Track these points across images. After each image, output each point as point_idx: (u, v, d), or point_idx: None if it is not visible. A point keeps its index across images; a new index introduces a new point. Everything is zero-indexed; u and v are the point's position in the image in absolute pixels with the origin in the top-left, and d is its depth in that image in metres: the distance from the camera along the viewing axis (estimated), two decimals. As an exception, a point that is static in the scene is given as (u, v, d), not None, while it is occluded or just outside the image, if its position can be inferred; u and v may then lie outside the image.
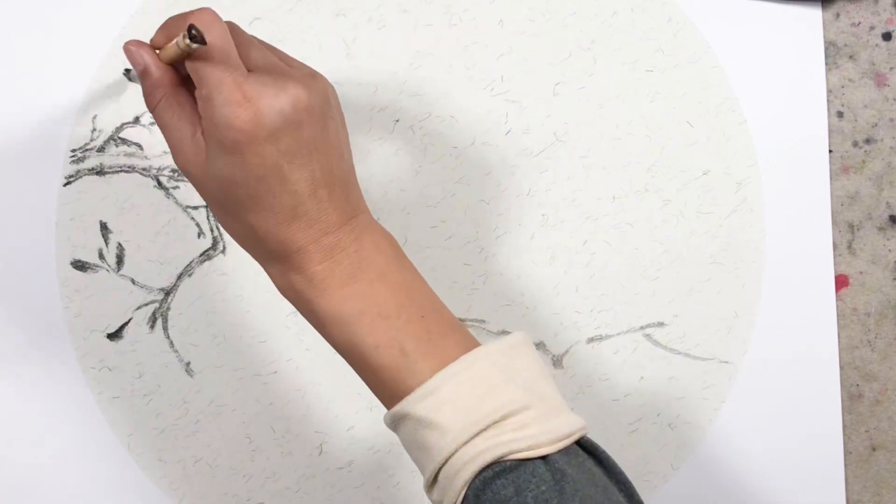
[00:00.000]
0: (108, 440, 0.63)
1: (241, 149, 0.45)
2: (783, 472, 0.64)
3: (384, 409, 0.48)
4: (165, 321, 0.63)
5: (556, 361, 0.64)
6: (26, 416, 0.62)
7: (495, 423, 0.45)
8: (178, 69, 0.49)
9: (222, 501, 0.63)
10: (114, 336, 0.63)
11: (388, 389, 0.47)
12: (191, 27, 0.44)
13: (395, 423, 0.47)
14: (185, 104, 0.48)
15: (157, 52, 0.48)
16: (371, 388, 0.48)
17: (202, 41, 0.44)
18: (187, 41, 0.44)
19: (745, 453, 0.64)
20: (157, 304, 0.63)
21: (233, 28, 0.48)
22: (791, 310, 0.64)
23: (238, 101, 0.45)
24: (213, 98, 0.45)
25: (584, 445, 0.46)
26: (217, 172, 0.47)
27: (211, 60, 0.45)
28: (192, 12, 0.46)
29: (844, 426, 0.64)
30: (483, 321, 0.63)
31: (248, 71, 0.46)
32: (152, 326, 0.63)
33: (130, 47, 0.49)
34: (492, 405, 0.45)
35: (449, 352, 0.47)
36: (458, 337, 0.48)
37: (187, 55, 0.46)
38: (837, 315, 0.64)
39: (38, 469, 0.63)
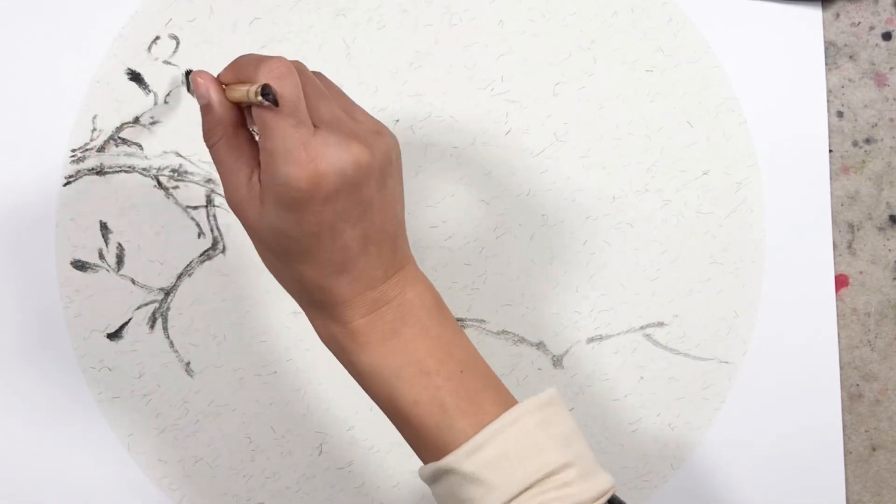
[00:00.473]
0: (108, 440, 0.63)
1: (299, 207, 0.45)
2: (783, 472, 0.64)
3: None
4: (165, 321, 0.63)
5: (556, 361, 0.64)
6: (26, 416, 0.62)
7: (539, 480, 0.46)
8: (241, 108, 0.48)
9: (222, 501, 0.63)
10: (114, 336, 0.63)
11: (427, 445, 0.48)
12: (265, 87, 0.44)
13: (435, 477, 0.47)
14: (243, 146, 0.48)
15: (224, 87, 0.47)
16: (409, 442, 0.49)
17: (275, 101, 0.44)
18: (259, 98, 0.44)
19: (745, 453, 0.64)
20: (157, 304, 0.63)
21: (304, 77, 0.47)
22: (791, 310, 0.64)
23: (302, 160, 0.44)
24: (277, 153, 0.45)
25: (613, 502, 0.48)
26: (270, 222, 0.46)
27: (279, 114, 0.45)
28: (266, 60, 0.45)
29: (844, 426, 0.64)
30: (483, 321, 0.63)
31: (315, 126, 0.45)
32: (152, 326, 0.63)
33: (199, 79, 0.48)
34: (536, 464, 0.46)
35: (487, 409, 0.47)
36: (495, 393, 0.49)
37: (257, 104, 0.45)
38: (837, 315, 0.64)
39: (38, 469, 0.63)
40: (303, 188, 0.45)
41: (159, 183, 0.62)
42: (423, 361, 0.48)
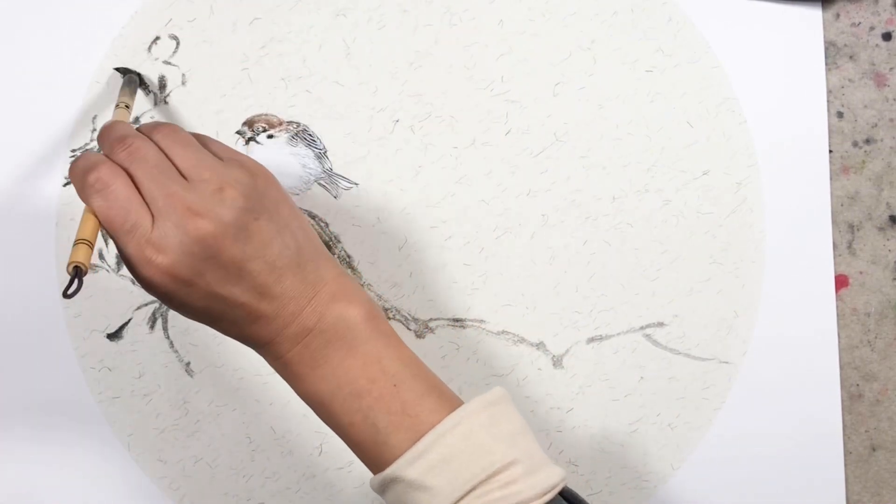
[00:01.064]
0: (108, 440, 0.63)
1: (171, 297, 0.47)
2: (783, 472, 0.64)
3: None
4: (165, 321, 0.63)
5: (556, 361, 0.64)
6: (26, 416, 0.62)
7: (483, 481, 0.46)
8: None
9: (222, 501, 0.63)
10: (114, 336, 0.63)
11: (370, 461, 0.49)
12: (74, 270, 0.46)
13: (383, 488, 0.48)
14: None
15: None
16: (359, 459, 0.50)
17: (71, 291, 0.46)
18: (69, 272, 0.46)
19: (745, 453, 0.64)
20: (156, 304, 0.63)
21: (134, 160, 0.48)
22: (791, 310, 0.64)
23: (148, 261, 0.46)
24: (127, 260, 0.47)
25: (565, 495, 0.48)
26: (170, 304, 0.49)
27: (112, 230, 0.47)
28: (86, 177, 0.47)
29: (844, 426, 0.64)
30: (483, 321, 0.63)
31: (152, 215, 0.47)
32: (152, 326, 0.63)
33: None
34: (480, 464, 0.46)
35: (425, 418, 0.48)
36: (437, 399, 0.49)
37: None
38: (837, 315, 0.64)
39: (38, 469, 0.63)
40: (161, 284, 0.47)
41: (159, 183, 0.62)
42: (354, 383, 0.48)
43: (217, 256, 0.47)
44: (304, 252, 0.49)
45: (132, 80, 0.61)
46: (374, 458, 0.49)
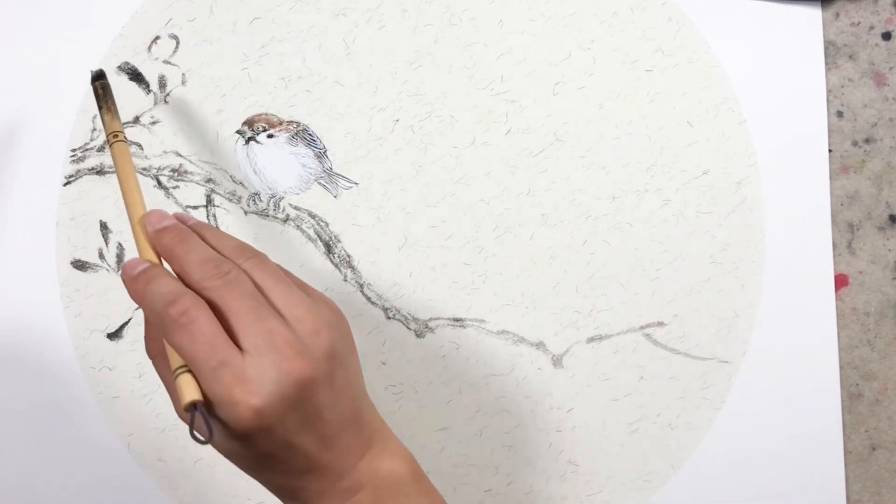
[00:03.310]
0: (108, 440, 0.63)
1: (247, 438, 0.44)
2: (783, 472, 0.64)
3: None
4: (165, 321, 0.63)
5: (556, 361, 0.64)
6: (26, 416, 0.62)
7: None
8: None
9: (222, 501, 0.63)
10: (114, 336, 0.63)
11: None
12: (192, 411, 0.42)
13: None
14: None
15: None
16: None
17: (206, 440, 0.43)
18: (185, 412, 0.43)
19: (745, 453, 0.64)
20: (157, 304, 0.63)
21: (227, 296, 0.44)
22: (791, 309, 0.64)
23: (238, 400, 0.43)
24: (210, 394, 0.43)
25: None
26: (222, 445, 0.45)
27: (198, 369, 0.43)
28: (168, 310, 0.43)
29: (844, 426, 0.64)
30: (483, 321, 0.63)
31: (243, 350, 0.43)
32: (152, 326, 0.63)
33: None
34: None
35: None
36: None
37: None
38: (837, 315, 0.64)
39: (38, 469, 0.63)
40: (244, 426, 0.43)
41: (159, 183, 0.62)
42: None
43: (304, 402, 0.44)
44: (362, 403, 0.48)
45: (99, 90, 0.54)
46: None
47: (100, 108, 0.54)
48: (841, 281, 0.64)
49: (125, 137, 0.52)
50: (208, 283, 0.45)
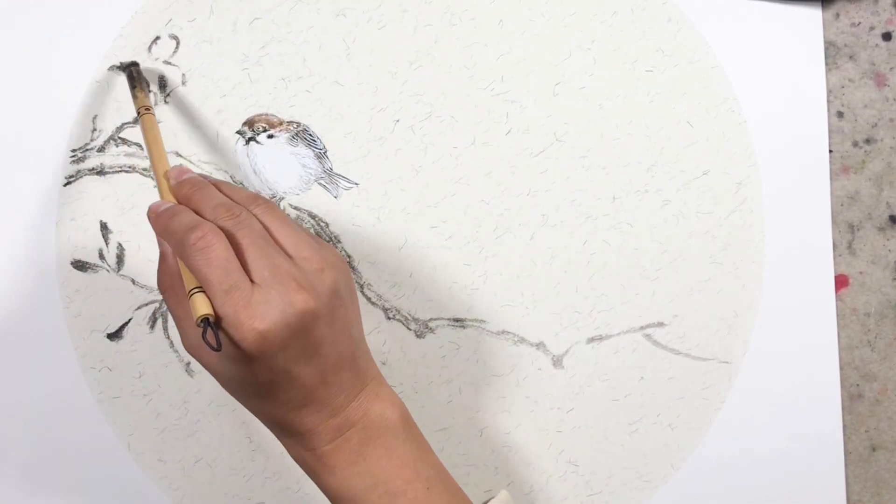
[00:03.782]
0: (108, 440, 0.63)
1: (249, 362, 0.47)
2: (783, 472, 0.64)
3: None
4: (165, 321, 0.63)
5: (556, 361, 0.64)
6: (26, 416, 0.62)
7: None
8: None
9: (222, 501, 0.63)
10: (114, 336, 0.63)
11: None
12: (205, 320, 0.45)
13: None
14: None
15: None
16: None
17: (214, 346, 0.45)
18: (198, 325, 0.46)
19: (745, 453, 0.64)
20: (157, 304, 0.63)
21: (239, 230, 0.48)
22: (791, 309, 0.64)
23: (243, 323, 0.46)
24: (220, 315, 0.46)
25: None
26: (225, 370, 0.48)
27: (210, 290, 0.46)
28: (189, 235, 0.47)
29: (844, 426, 0.64)
30: (483, 321, 0.63)
31: (253, 281, 0.47)
32: (152, 326, 0.63)
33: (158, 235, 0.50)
34: None
35: None
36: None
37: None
38: (837, 315, 0.64)
39: (38, 469, 0.63)
40: (249, 348, 0.46)
41: (159, 183, 0.62)
42: (390, 482, 0.49)
43: (306, 333, 0.47)
44: (360, 346, 0.51)
45: (134, 74, 0.60)
46: None
47: (132, 87, 0.59)
48: (841, 281, 0.64)
49: (153, 112, 0.58)
50: (221, 224, 0.48)
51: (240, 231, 0.48)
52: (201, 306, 0.46)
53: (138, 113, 0.58)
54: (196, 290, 0.47)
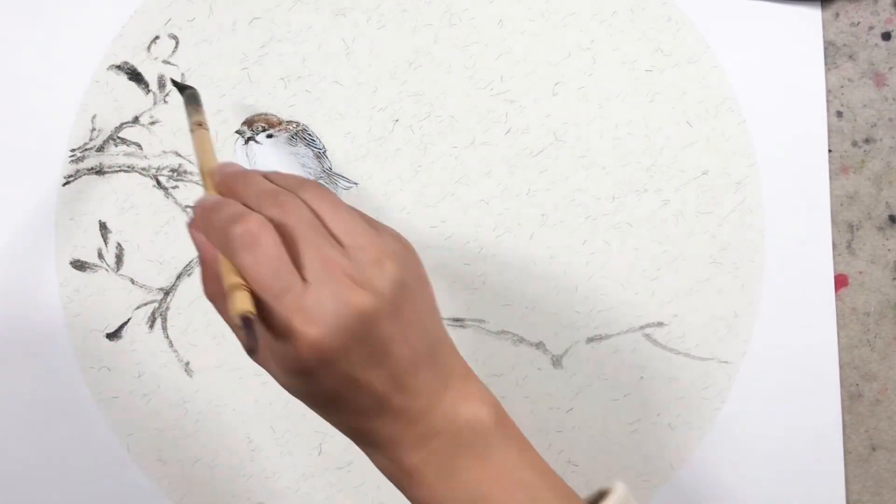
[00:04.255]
0: (108, 440, 0.63)
1: (307, 374, 0.42)
2: (783, 472, 0.64)
3: None
4: (165, 321, 0.63)
5: (556, 361, 0.64)
6: (26, 416, 0.62)
7: None
8: None
9: (222, 501, 0.63)
10: (113, 336, 0.63)
11: None
12: (245, 320, 0.40)
13: None
14: None
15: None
16: None
17: (250, 348, 0.40)
18: (238, 323, 0.40)
19: (745, 453, 0.64)
20: (156, 304, 0.63)
21: (288, 220, 0.43)
22: (791, 310, 0.64)
23: (296, 330, 0.41)
24: (271, 322, 0.42)
25: None
26: (289, 382, 0.44)
27: (259, 294, 0.41)
28: (234, 229, 0.41)
29: (844, 426, 0.64)
30: (483, 321, 0.63)
31: (304, 279, 0.41)
32: (151, 326, 0.63)
33: (195, 233, 0.45)
34: None
35: None
36: None
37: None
38: (837, 315, 0.64)
39: (38, 469, 0.63)
40: (305, 359, 0.41)
41: (158, 183, 0.62)
42: (489, 497, 0.44)
43: (368, 334, 0.42)
44: (438, 338, 0.45)
45: (192, 95, 0.56)
46: None
47: (189, 105, 0.55)
48: (841, 281, 0.64)
49: (207, 127, 0.53)
50: (267, 211, 0.43)
51: (288, 221, 0.43)
52: (241, 303, 0.41)
53: (191, 127, 0.54)
54: (238, 286, 0.42)
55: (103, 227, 0.62)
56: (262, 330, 0.42)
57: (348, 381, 0.42)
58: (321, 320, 0.41)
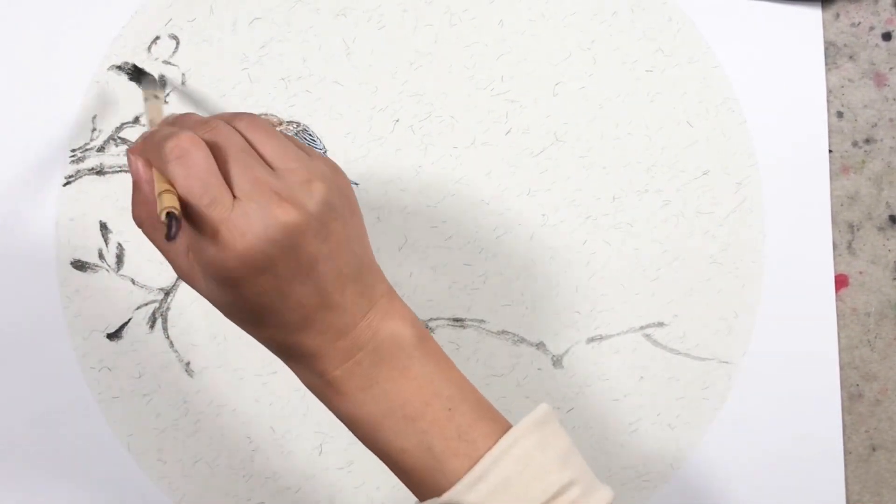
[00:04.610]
0: (108, 440, 0.63)
1: (235, 283, 0.44)
2: (783, 472, 0.64)
3: None
4: (165, 321, 0.63)
5: (556, 361, 0.64)
6: (26, 416, 0.62)
7: (545, 503, 0.45)
8: None
9: (222, 501, 0.63)
10: (113, 336, 0.63)
11: (421, 489, 0.47)
12: (169, 218, 0.42)
13: None
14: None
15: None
16: (404, 484, 0.48)
17: (171, 235, 0.42)
18: (163, 219, 0.42)
19: (745, 453, 0.64)
20: (156, 304, 0.63)
21: (219, 141, 0.45)
22: (791, 310, 0.64)
23: (224, 241, 0.43)
24: (198, 236, 0.43)
25: None
26: (215, 295, 0.46)
27: (189, 205, 0.43)
28: (166, 142, 0.44)
29: (844, 426, 0.64)
30: (483, 321, 0.63)
31: (234, 196, 0.44)
32: (152, 326, 0.63)
33: (131, 157, 0.47)
34: (539, 487, 0.45)
35: (479, 443, 0.46)
36: (489, 422, 0.47)
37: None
38: (837, 315, 0.64)
39: (38, 469, 0.63)
40: (231, 267, 0.43)
41: (159, 183, 0.62)
42: (407, 406, 0.46)
43: (295, 249, 0.44)
44: (365, 262, 0.47)
45: (151, 80, 0.59)
46: (427, 484, 0.46)
47: (146, 89, 0.59)
48: (841, 281, 0.64)
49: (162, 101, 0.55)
50: (199, 135, 0.45)
51: (219, 141, 0.45)
52: (168, 202, 0.43)
53: (145, 99, 0.56)
54: (167, 191, 0.43)
55: (104, 227, 0.62)
56: (189, 234, 0.44)
57: (275, 292, 0.44)
58: (248, 231, 0.43)
